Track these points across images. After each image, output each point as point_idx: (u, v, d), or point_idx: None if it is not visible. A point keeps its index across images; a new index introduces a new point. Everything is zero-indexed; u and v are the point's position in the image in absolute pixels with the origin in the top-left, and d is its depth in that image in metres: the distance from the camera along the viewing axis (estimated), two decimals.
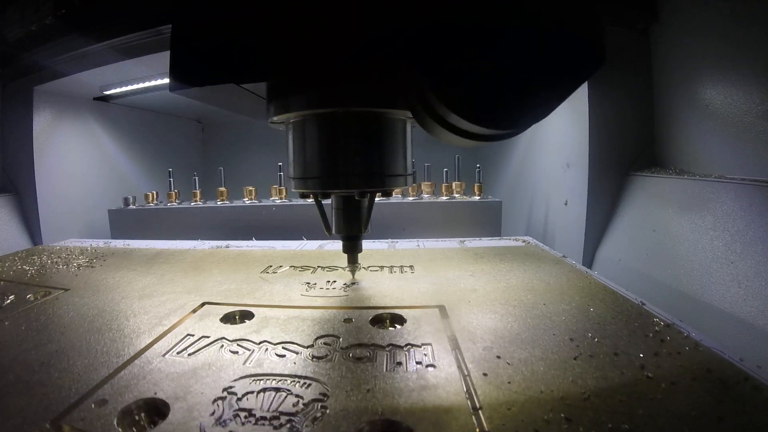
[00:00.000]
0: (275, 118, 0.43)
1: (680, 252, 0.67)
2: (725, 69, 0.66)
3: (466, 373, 0.34)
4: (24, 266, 0.73)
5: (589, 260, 0.89)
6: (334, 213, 0.52)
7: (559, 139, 1.00)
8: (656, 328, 0.42)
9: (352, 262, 0.58)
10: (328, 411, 0.29)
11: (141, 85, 1.13)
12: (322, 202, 0.53)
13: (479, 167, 1.12)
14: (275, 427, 0.28)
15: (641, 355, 0.36)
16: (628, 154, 0.86)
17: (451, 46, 0.29)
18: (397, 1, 0.32)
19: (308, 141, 0.43)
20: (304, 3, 0.34)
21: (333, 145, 0.42)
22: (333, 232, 0.53)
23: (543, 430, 0.27)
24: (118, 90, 1.17)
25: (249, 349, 0.39)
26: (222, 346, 0.40)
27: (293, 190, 0.46)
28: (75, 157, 1.21)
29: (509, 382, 0.32)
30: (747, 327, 0.52)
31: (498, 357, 0.37)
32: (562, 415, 0.28)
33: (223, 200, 1.15)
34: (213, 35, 0.36)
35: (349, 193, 0.48)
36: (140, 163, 1.47)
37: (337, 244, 0.57)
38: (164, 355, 0.39)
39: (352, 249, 0.55)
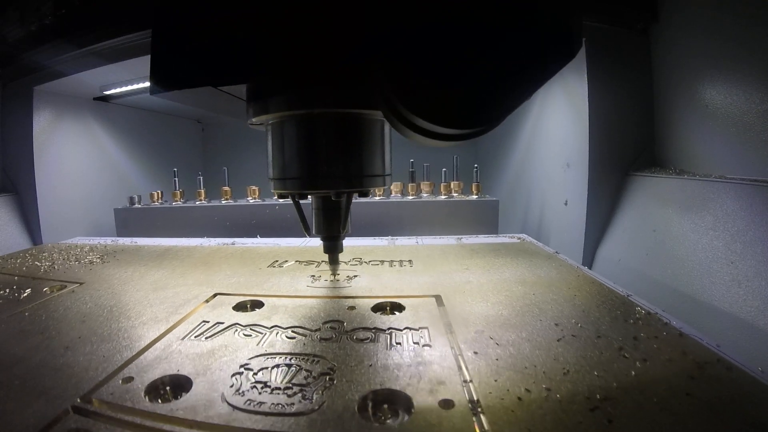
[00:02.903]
0: (254, 120, 0.44)
1: (680, 252, 0.67)
2: (725, 69, 0.66)
3: (459, 352, 0.38)
4: (36, 262, 0.76)
5: (589, 260, 0.89)
6: (314, 213, 0.52)
7: (559, 139, 1.00)
8: (637, 315, 0.45)
9: (333, 263, 0.58)
10: (335, 382, 0.33)
11: (141, 85, 1.14)
12: (300, 203, 0.53)
13: (477, 167, 1.15)
14: (289, 396, 0.31)
15: (620, 339, 0.40)
16: (628, 154, 0.85)
17: (413, 49, 0.28)
18: (361, 5, 0.32)
19: (286, 142, 0.44)
20: (279, 7, 0.35)
21: (309, 146, 0.43)
22: (313, 232, 0.53)
23: (525, 398, 0.30)
24: (118, 90, 1.18)
25: (261, 333, 0.43)
26: (236, 330, 0.44)
27: (272, 191, 0.47)
28: (75, 157, 1.22)
29: (497, 359, 0.36)
30: (747, 327, 0.52)
31: (488, 338, 0.40)
32: (544, 386, 0.32)
33: (227, 199, 1.18)
34: (191, 39, 0.37)
35: (326, 193, 0.47)
36: (140, 163, 1.47)
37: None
38: (183, 338, 0.42)
39: (332, 249, 0.55)
